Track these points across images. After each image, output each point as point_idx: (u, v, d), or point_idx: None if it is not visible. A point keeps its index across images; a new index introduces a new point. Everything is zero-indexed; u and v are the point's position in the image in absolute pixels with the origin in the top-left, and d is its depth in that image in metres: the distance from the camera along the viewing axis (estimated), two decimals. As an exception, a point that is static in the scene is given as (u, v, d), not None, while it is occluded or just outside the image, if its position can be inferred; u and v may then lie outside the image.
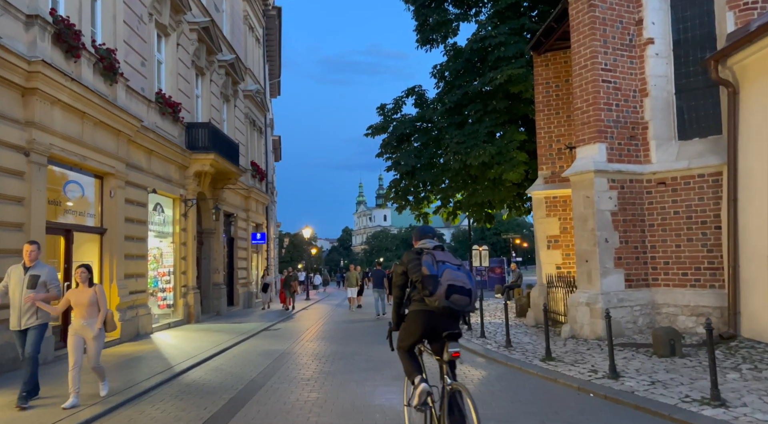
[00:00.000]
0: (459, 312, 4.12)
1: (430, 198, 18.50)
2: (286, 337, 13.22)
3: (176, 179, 16.07)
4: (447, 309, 4.01)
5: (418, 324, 4.22)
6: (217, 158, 17.08)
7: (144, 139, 13.66)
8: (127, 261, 12.80)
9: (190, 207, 16.76)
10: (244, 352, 10.90)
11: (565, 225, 13.00)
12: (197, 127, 17.08)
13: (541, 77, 13.46)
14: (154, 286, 15.80)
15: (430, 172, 17.40)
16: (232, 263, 22.24)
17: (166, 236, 16.08)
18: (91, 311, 6.51)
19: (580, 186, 10.57)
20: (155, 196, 14.94)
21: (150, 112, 14.32)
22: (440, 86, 18.29)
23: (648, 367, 7.44)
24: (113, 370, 8.83)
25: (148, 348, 11.19)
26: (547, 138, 13.32)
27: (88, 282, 6.61)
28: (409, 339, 4.37)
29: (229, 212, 21.78)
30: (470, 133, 15.81)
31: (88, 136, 11.09)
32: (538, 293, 13.11)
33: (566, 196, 12.97)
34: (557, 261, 13.02)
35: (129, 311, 12.49)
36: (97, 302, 6.57)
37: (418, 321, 4.22)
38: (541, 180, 13.38)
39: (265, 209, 28.64)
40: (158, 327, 14.37)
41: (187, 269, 16.66)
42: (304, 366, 9.04)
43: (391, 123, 18.77)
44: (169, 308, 16.01)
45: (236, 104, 22.80)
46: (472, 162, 14.95)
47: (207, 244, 19.35)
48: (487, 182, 15.70)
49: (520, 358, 8.69)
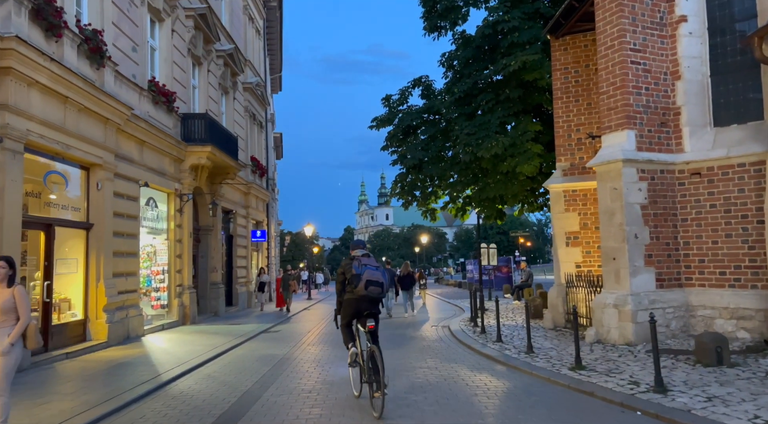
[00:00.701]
0: (376, 298, 6.11)
1: (438, 193, 17.62)
2: (286, 340, 12.36)
3: (171, 173, 15.22)
4: (366, 297, 6.02)
5: (350, 308, 6.23)
6: (215, 151, 16.23)
7: (135, 128, 12.81)
8: (116, 259, 11.96)
9: (186, 202, 15.91)
10: (241, 357, 10.04)
11: (585, 221, 12.12)
12: (193, 118, 16.23)
13: (559, 62, 12.57)
14: (148, 285, 14.96)
15: (438, 166, 16.52)
16: (231, 262, 21.39)
17: (160, 233, 15.23)
18: (6, 318, 4.93)
19: (606, 177, 9.68)
20: (148, 191, 14.09)
21: (142, 100, 13.47)
22: (448, 76, 17.40)
23: (695, 378, 6.56)
24: (94, 378, 7.98)
25: (137, 353, 10.34)
26: (565, 127, 12.43)
27: (7, 281, 5.03)
28: (345, 318, 6.40)
29: (228, 208, 20.93)
30: (481, 124, 14.93)
31: (72, 123, 10.24)
32: (557, 294, 12.23)
33: (586, 190, 12.09)
34: (577, 259, 12.13)
35: (118, 312, 11.64)
36: (15, 308, 4.96)
37: (349, 306, 6.23)
38: (559, 172, 12.50)
39: (265, 206, 27.80)
40: (151, 329, 13.52)
41: (183, 267, 15.82)
42: (305, 375, 8.18)
43: (397, 115, 17.89)
44: (163, 308, 15.16)
45: (235, 97, 21.95)
46: (483, 154, 14.07)
47: (204, 241, 18.51)
48: (499, 176, 14.82)
49: (546, 366, 7.81)
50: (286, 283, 20.06)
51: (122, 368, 8.74)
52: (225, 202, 20.26)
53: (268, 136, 29.47)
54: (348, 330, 6.45)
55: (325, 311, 20.73)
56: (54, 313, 10.22)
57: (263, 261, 26.74)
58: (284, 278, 20.38)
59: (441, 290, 35.30)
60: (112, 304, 11.43)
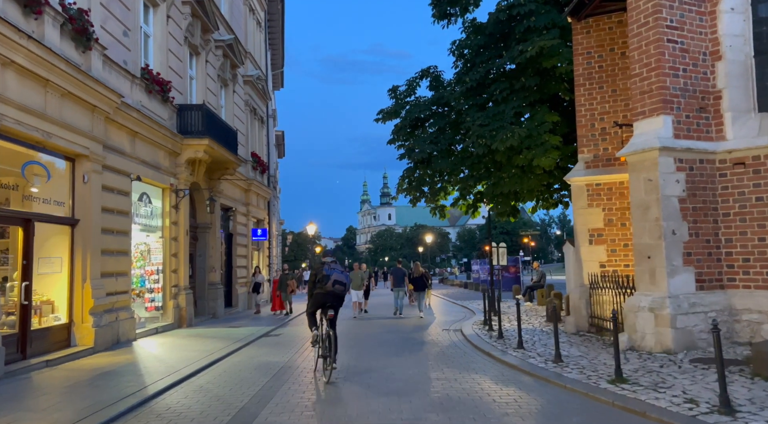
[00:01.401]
0: (339, 294, 7.95)
1: (447, 189, 16.73)
2: (287, 345, 11.50)
3: (166, 167, 14.37)
4: (332, 292, 7.85)
5: (317, 300, 8.03)
6: (212, 144, 15.37)
7: (126, 118, 11.96)
8: (105, 257, 11.11)
9: (182, 198, 15.06)
10: (238, 365, 9.18)
11: (609, 216, 11.23)
12: (190, 109, 15.37)
13: (581, 46, 11.68)
14: (141, 286, 14.11)
15: (448, 160, 15.63)
16: (231, 261, 20.54)
17: (154, 230, 14.38)
18: None
19: (640, 167, 8.80)
20: (140, 185, 13.24)
21: (134, 88, 12.62)
22: (458, 66, 16.51)
23: (761, 395, 5.68)
24: (72, 390, 7.13)
25: (126, 360, 9.48)
26: (588, 116, 11.54)
27: None
28: (312, 308, 8.22)
29: (227, 205, 20.08)
30: (495, 114, 14.05)
31: (54, 109, 9.38)
32: (579, 296, 11.34)
33: (611, 183, 11.21)
34: (601, 258, 11.25)
35: (106, 315, 10.78)
36: None
37: (317, 299, 8.02)
38: (581, 165, 11.61)
39: (267, 204, 26.95)
40: (144, 333, 12.67)
41: (179, 266, 14.97)
42: (309, 387, 7.32)
43: (405, 106, 17.00)
44: (158, 310, 14.31)
45: (235, 90, 21.10)
46: (498, 146, 13.18)
47: (202, 239, 17.66)
48: (514, 170, 13.93)
49: (579, 378, 6.93)
50: (284, 283, 18.57)
51: (106, 378, 7.88)
52: (224, 199, 19.42)
53: (269, 132, 28.63)
54: (312, 318, 8.29)
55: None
56: (35, 316, 9.37)
57: (264, 261, 25.90)
58: (282, 278, 18.89)
59: (446, 291, 34.41)
60: (100, 306, 10.58)
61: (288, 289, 18.42)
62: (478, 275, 38.99)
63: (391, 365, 8.62)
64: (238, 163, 18.48)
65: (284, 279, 18.68)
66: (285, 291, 18.37)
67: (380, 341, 11.69)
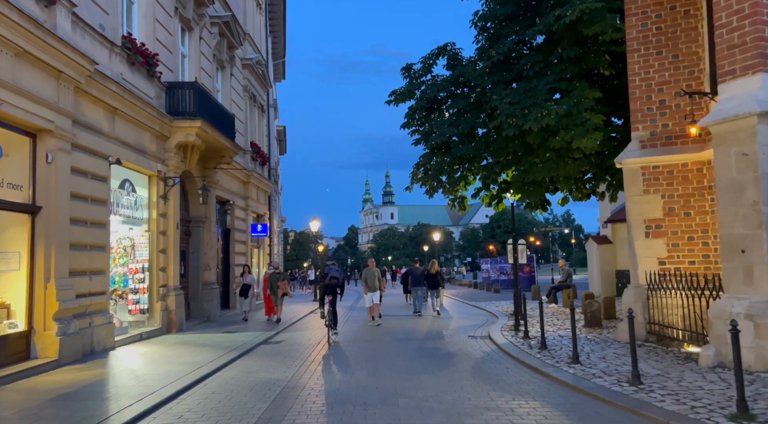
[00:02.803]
0: (333, 286, 11.62)
1: (468, 178, 14.98)
2: (290, 356, 9.79)
3: (152, 151, 12.68)
4: (329, 285, 11.63)
5: (321, 291, 12.23)
6: (206, 127, 13.67)
7: (103, 91, 10.28)
8: (76, 252, 9.43)
9: (172, 187, 13.36)
10: (230, 384, 7.48)
11: (670, 204, 9.52)
12: (180, 88, 13.68)
13: (635, 5, 9.96)
14: (124, 286, 12.44)
15: (469, 146, 13.88)
16: (228, 259, 18.86)
17: (138, 223, 12.69)
18: None
19: (731, 140, 7.08)
20: (122, 171, 11.56)
21: (113, 58, 10.94)
22: (480, 41, 14.76)
23: None
24: (8, 423, 5.44)
25: (94, 376, 7.79)
26: (643, 87, 9.83)
27: None
28: (320, 295, 12.33)
29: (224, 197, 18.39)
30: (526, 91, 12.31)
31: (6, 71, 7.70)
32: (635, 298, 9.62)
33: (672, 165, 9.50)
34: (660, 254, 9.53)
35: (75, 320, 9.09)
36: None
37: (321, 290, 12.30)
38: (635, 144, 9.90)
39: (267, 198, 25.26)
40: (126, 340, 10.99)
41: (168, 264, 13.28)
42: (320, 419, 5.61)
43: (420, 87, 15.26)
44: (143, 313, 12.62)
45: (233, 73, 19.41)
46: (531, 126, 11.45)
47: (196, 235, 15.97)
48: (548, 154, 12.19)
49: (680, 409, 5.21)
50: (274, 284, 15.56)
51: (60, 404, 6.19)
52: (221, 191, 17.73)
53: (270, 123, 26.93)
54: (321, 301, 12.14)
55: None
56: (-17, 323, 7.70)
57: (265, 259, 24.19)
58: (271, 277, 15.93)
59: (456, 291, 32.67)
60: (68, 310, 8.89)
61: (279, 291, 15.37)
62: (487, 274, 37.32)
63: (421, 386, 6.90)
64: (236, 151, 16.78)
65: (274, 279, 15.74)
66: (275, 294, 15.43)
67: (399, 350, 9.97)
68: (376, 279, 14.92)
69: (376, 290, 14.87)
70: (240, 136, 19.75)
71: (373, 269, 15.37)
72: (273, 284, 15.49)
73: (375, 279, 14.92)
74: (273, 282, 15.56)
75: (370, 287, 14.89)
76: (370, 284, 14.93)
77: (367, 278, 15.14)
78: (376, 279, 14.92)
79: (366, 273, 15.40)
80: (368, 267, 15.67)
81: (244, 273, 16.69)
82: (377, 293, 14.88)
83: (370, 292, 14.85)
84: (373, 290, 14.82)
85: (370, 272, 15.20)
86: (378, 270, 15.50)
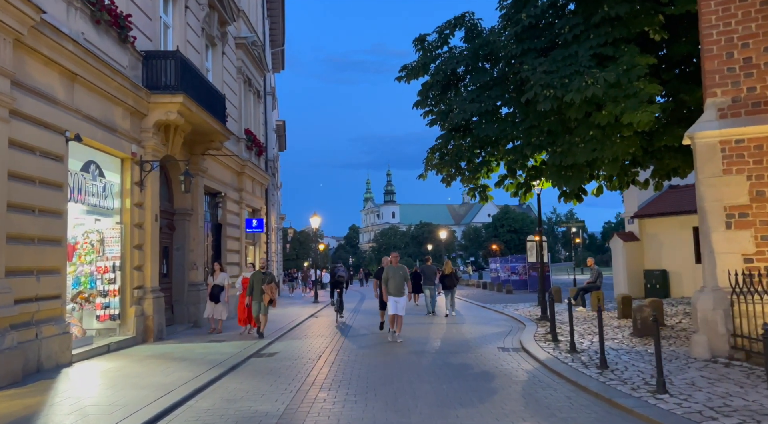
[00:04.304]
0: (340, 281, 15.51)
1: (491, 164, 13.09)
2: (285, 375, 7.92)
3: (125, 129, 10.83)
4: (336, 280, 15.64)
5: (331, 285, 18.00)
6: (189, 104, 11.81)
7: (58, 51, 8.42)
8: (17, 247, 7.58)
9: (149, 172, 11.50)
10: (202, 421, 5.61)
11: (759, 187, 7.65)
12: (159, 58, 11.82)
13: (710, -59, 8.07)
14: (91, 287, 10.59)
15: (493, 126, 12.00)
16: (219, 257, 16.98)
17: (108, 213, 10.85)
18: None
19: None
20: (84, 150, 9.71)
21: (72, 14, 9.07)
22: (504, 5, 12.86)
23: None
24: None
25: (24, 408, 5.92)
26: (723, 43, 7.94)
27: None
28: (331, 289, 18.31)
29: (215, 188, 16.54)
30: (565, 58, 10.47)
31: None
32: (713, 304, 7.73)
33: (762, 139, 7.65)
34: (746, 249, 7.65)
35: (13, 332, 7.22)
36: None
37: (331, 284, 18.40)
38: (711, 113, 8.01)
39: (264, 192, 23.39)
40: (88, 353, 9.13)
41: (145, 262, 11.43)
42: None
43: (435, 60, 13.37)
44: (114, 320, 10.76)
45: (225, 51, 17.53)
46: (573, 98, 9.60)
47: (181, 229, 14.12)
48: (592, 131, 10.32)
49: None
50: (257, 287, 11.70)
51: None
52: (211, 181, 15.88)
53: (267, 111, 25.07)
54: (332, 292, 16.90)
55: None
56: None
57: (261, 256, 22.33)
58: (254, 277, 11.90)
59: (465, 292, 30.78)
60: (3, 320, 7.02)
61: (264, 297, 11.65)
62: (496, 274, 35.44)
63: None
64: (226, 135, 14.90)
65: (257, 280, 11.77)
66: (259, 300, 11.64)
67: (421, 368, 8.06)
68: (403, 279, 11.02)
69: (403, 294, 11.03)
70: (233, 123, 17.90)
71: (397, 266, 11.27)
72: (255, 287, 11.74)
73: (402, 279, 11.01)
74: (255, 284, 11.77)
75: (395, 290, 10.92)
76: (394, 286, 10.93)
77: (389, 278, 11.04)
78: (403, 279, 11.02)
79: (389, 272, 11.12)
80: (390, 263, 11.44)
81: (214, 272, 13.25)
82: (404, 298, 11.03)
83: (394, 296, 10.90)
84: (399, 294, 10.93)
85: (394, 270, 11.09)
86: (405, 267, 11.51)
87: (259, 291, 11.66)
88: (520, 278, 31.07)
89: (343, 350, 10.03)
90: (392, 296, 10.92)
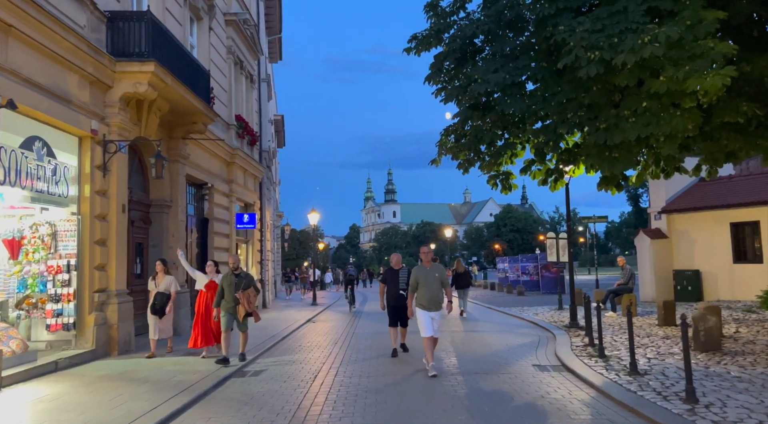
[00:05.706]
0: (351, 280, 20.78)
1: (516, 148, 11.24)
2: (269, 407, 6.11)
3: (83, 102, 9.03)
4: (347, 279, 21.25)
5: (344, 283, 24.19)
6: (162, 74, 9.99)
7: (-20, -9, 6.62)
8: None
9: (114, 153, 9.70)
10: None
11: None
12: (126, 19, 10.01)
13: None
14: (40, 291, 8.79)
15: (519, 102, 10.16)
16: (206, 255, 15.20)
17: (61, 202, 9.04)
18: None
19: None
20: (25, 122, 7.92)
21: (6, -50, 7.27)
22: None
23: None
24: None
25: None
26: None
27: None
28: (344, 286, 23.75)
29: (200, 179, 14.75)
30: (611, 15, 8.64)
31: None
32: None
33: None
34: None
35: None
36: None
37: (344, 282, 24.39)
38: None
39: (258, 186, 21.59)
40: (27, 373, 7.34)
41: (109, 261, 9.64)
42: None
43: (450, 28, 11.54)
44: (68, 330, 8.95)
45: (212, 27, 15.73)
46: (626, 60, 7.79)
47: (158, 223, 12.34)
48: (646, 102, 8.49)
49: None
50: (228, 295, 8.54)
51: None
52: (195, 170, 14.09)
53: (262, 99, 23.24)
54: (345, 288, 21.16)
55: (337, 325, 14.41)
56: None
57: (255, 255, 20.51)
58: (223, 283, 8.68)
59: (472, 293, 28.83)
60: None
61: (238, 309, 8.50)
62: (504, 274, 33.62)
63: None
64: (211, 117, 13.08)
65: (227, 285, 8.58)
66: (233, 313, 8.50)
67: (444, 401, 6.17)
68: (440, 284, 7.68)
69: (441, 306, 7.65)
70: (222, 107, 16.12)
71: (430, 266, 7.84)
72: (226, 295, 8.54)
73: (439, 285, 7.67)
74: (226, 290, 8.55)
75: (429, 301, 7.54)
76: (428, 295, 7.56)
77: (419, 282, 7.68)
78: (440, 284, 7.68)
79: (417, 273, 7.76)
80: (420, 262, 8.06)
81: (156, 274, 9.58)
82: (440, 312, 7.64)
83: (428, 311, 7.52)
84: (435, 307, 7.56)
85: (426, 272, 7.71)
86: (442, 267, 8.11)
87: (232, 300, 8.46)
88: (531, 278, 29.23)
89: (344, 369, 8.21)
90: (424, 310, 7.49)
